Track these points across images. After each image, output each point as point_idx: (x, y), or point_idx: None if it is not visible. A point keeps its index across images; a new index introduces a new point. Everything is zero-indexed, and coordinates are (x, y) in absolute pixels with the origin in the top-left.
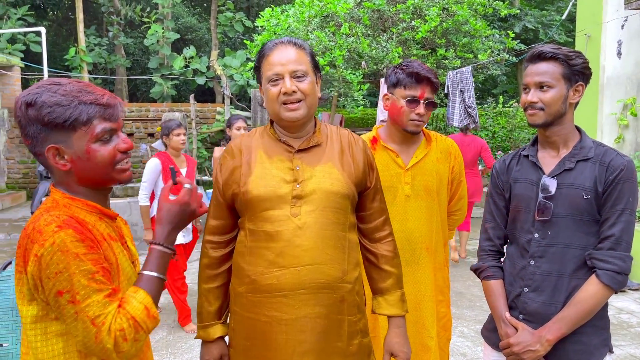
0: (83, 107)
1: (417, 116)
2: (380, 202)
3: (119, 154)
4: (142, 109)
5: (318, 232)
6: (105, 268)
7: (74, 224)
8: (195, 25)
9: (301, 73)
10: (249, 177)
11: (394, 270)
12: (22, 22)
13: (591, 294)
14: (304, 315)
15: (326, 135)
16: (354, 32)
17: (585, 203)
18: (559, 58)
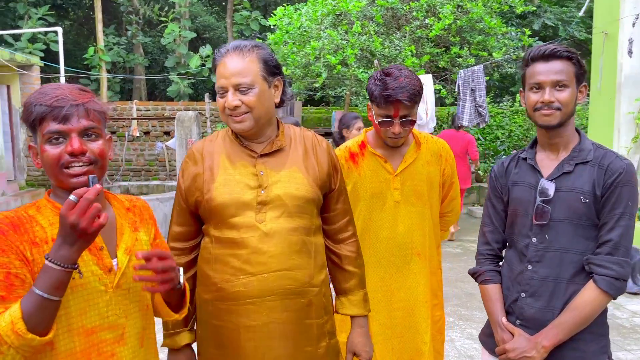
0: (38, 107)
1: (392, 134)
2: (344, 203)
3: (66, 156)
4: (158, 107)
5: (284, 238)
6: (10, 273)
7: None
8: (212, 24)
9: (246, 86)
10: (212, 184)
11: (356, 270)
12: (42, 22)
13: (588, 300)
14: (272, 321)
15: (290, 138)
16: (367, 31)
17: (583, 207)
18: (572, 57)
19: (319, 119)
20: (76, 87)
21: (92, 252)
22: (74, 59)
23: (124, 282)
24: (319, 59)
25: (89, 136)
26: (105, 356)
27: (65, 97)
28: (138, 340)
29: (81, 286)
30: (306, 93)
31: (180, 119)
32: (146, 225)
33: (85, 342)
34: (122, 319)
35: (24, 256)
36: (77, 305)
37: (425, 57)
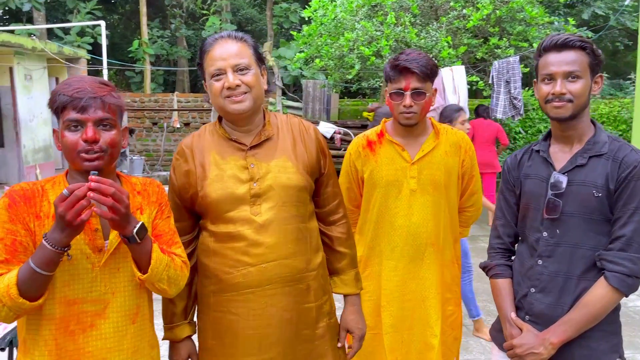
0: (61, 97)
1: (404, 108)
2: (333, 186)
3: (81, 143)
4: (197, 99)
5: (280, 227)
6: (15, 240)
7: (15, 195)
8: (255, 16)
9: (244, 66)
10: (204, 181)
11: (347, 251)
12: (90, 16)
13: (599, 297)
14: (271, 308)
15: (277, 127)
16: (402, 22)
17: (596, 201)
18: (586, 47)
19: (355, 110)
20: (97, 81)
21: (86, 232)
22: (121, 51)
23: (113, 261)
24: (352, 51)
25: (104, 126)
26: (84, 326)
27: (85, 89)
28: (128, 317)
29: (68, 262)
30: (342, 85)
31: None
32: (151, 206)
33: (66, 310)
34: (108, 295)
35: (28, 227)
36: (62, 277)
37: (462, 48)
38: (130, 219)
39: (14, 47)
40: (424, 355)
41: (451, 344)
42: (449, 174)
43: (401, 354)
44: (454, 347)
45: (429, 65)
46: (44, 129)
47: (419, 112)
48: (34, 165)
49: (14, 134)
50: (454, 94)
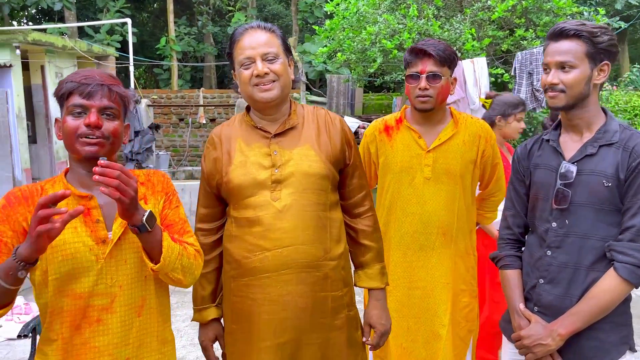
0: (68, 84)
1: (419, 91)
2: (360, 178)
3: (83, 128)
4: (223, 95)
5: (298, 213)
6: (1, 240)
7: (12, 196)
8: (281, 12)
9: (272, 55)
10: (229, 167)
11: (373, 244)
12: (119, 14)
13: (608, 288)
14: (287, 294)
15: (302, 117)
16: (425, 14)
17: (606, 191)
18: (583, 35)
19: (380, 105)
20: (106, 73)
21: (87, 224)
22: (149, 49)
23: (118, 252)
24: (374, 44)
25: (107, 115)
26: (90, 320)
27: (94, 77)
28: (133, 310)
29: (71, 255)
30: (366, 79)
31: (239, 105)
32: (156, 196)
33: (73, 304)
34: (115, 288)
35: (22, 228)
36: (67, 272)
37: (486, 40)
38: (138, 207)
39: (45, 46)
40: (430, 344)
41: (464, 336)
42: (466, 164)
43: (406, 341)
44: (467, 338)
45: (447, 51)
46: None
47: (435, 96)
48: (65, 161)
49: (45, 131)
50: (475, 86)
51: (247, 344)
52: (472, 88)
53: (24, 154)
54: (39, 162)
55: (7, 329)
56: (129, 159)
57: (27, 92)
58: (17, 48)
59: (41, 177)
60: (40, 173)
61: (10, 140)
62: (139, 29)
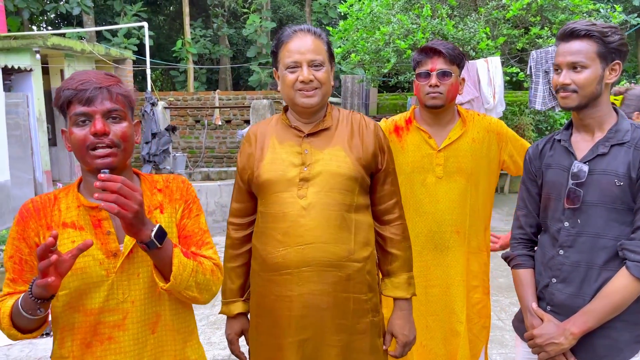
0: (65, 92)
1: (430, 88)
2: (392, 185)
3: (91, 138)
4: (238, 96)
5: (322, 212)
6: (21, 259)
7: (24, 210)
8: (295, 13)
9: (319, 62)
10: (261, 162)
11: (400, 253)
12: (136, 18)
13: (620, 287)
14: (307, 292)
15: (337, 119)
16: (439, 14)
17: (618, 190)
18: (594, 35)
19: (394, 105)
20: (102, 73)
21: (98, 236)
22: (166, 51)
23: (130, 266)
24: (388, 45)
25: (113, 118)
26: (102, 338)
27: (90, 80)
28: (147, 327)
29: (81, 270)
30: (380, 79)
31: (255, 107)
32: (174, 204)
33: (84, 321)
34: (127, 304)
35: (35, 244)
36: (77, 287)
37: (501, 39)
38: (145, 221)
39: (64, 50)
40: (449, 341)
41: (479, 332)
42: (478, 161)
43: (426, 339)
44: (481, 335)
45: (456, 50)
46: None
47: (445, 93)
48: None
49: None
50: (489, 85)
51: (270, 338)
52: (486, 87)
53: (45, 156)
54: (58, 165)
55: None
56: (146, 160)
57: (47, 96)
58: (37, 52)
59: (61, 179)
60: (60, 175)
61: (31, 143)
62: (155, 32)
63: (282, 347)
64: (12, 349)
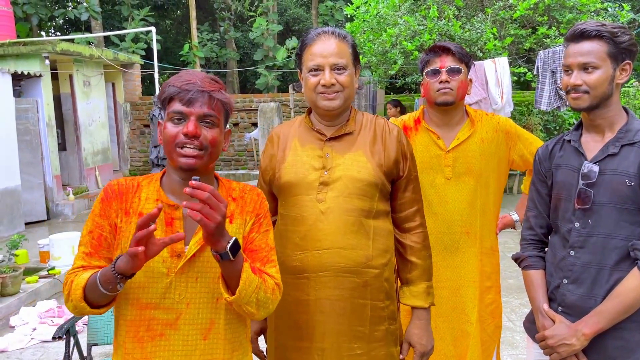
0: (170, 88)
1: (440, 84)
2: (413, 192)
3: (181, 137)
4: (246, 100)
5: (340, 217)
6: (101, 235)
7: (109, 189)
8: (302, 15)
9: (341, 66)
10: (282, 164)
11: (419, 262)
12: (144, 22)
13: (632, 288)
14: (324, 297)
15: (360, 124)
16: (446, 15)
17: (628, 190)
18: (604, 36)
19: None
20: (209, 77)
21: (167, 234)
22: (173, 55)
23: (190, 269)
24: (395, 46)
25: (207, 123)
26: (153, 334)
27: (195, 82)
28: (199, 332)
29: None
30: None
31: (262, 110)
32: (245, 216)
33: (137, 314)
34: (182, 305)
35: (115, 224)
36: (137, 279)
37: (508, 39)
38: (224, 233)
39: (73, 55)
40: (459, 342)
41: (492, 332)
42: (487, 161)
43: (435, 340)
44: (495, 335)
45: (464, 50)
46: (102, 133)
47: (456, 89)
48: (94, 167)
49: (74, 138)
50: (496, 86)
51: (289, 340)
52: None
53: (54, 161)
54: (68, 169)
55: (41, 332)
56: (154, 164)
57: (57, 101)
58: (46, 58)
59: (71, 183)
60: (70, 179)
61: (41, 148)
62: (162, 37)
63: (301, 350)
64: (24, 352)
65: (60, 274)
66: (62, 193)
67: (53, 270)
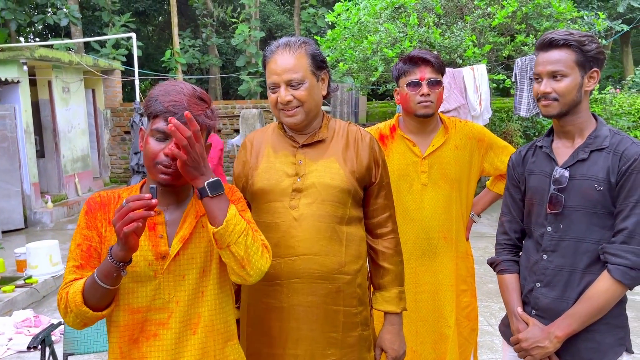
0: (157, 104)
1: (422, 97)
2: (385, 198)
3: (162, 156)
4: (228, 106)
5: (313, 224)
6: (90, 246)
7: (92, 202)
8: (284, 22)
9: (297, 81)
10: (255, 171)
11: (391, 267)
12: (125, 29)
13: (602, 290)
14: (297, 303)
15: (333, 131)
16: (426, 23)
17: (598, 195)
18: (572, 45)
19: (384, 112)
20: (196, 95)
21: (151, 238)
22: (155, 62)
23: (176, 268)
24: (376, 53)
25: None
26: (148, 335)
27: (182, 104)
28: (188, 327)
29: (130, 269)
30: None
31: (244, 116)
32: None
33: (130, 319)
34: (172, 303)
35: (100, 233)
36: (125, 284)
37: (487, 46)
38: (204, 171)
39: (52, 62)
40: (438, 345)
41: (468, 335)
42: (461, 167)
43: (415, 344)
44: (471, 337)
45: (440, 59)
46: (82, 139)
47: (435, 102)
48: (73, 175)
49: (53, 145)
50: (475, 92)
51: (261, 347)
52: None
53: (32, 168)
54: (47, 176)
55: (17, 342)
56: (135, 171)
57: (35, 107)
58: (24, 64)
59: (49, 191)
60: (49, 187)
61: (18, 155)
62: (144, 43)
63: (274, 357)
64: None
65: (37, 283)
66: (41, 201)
67: (30, 280)
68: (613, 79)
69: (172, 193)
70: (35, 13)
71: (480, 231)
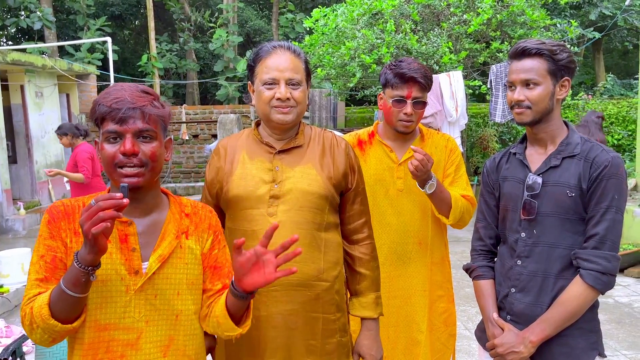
0: (100, 107)
1: (405, 116)
2: (361, 204)
3: (120, 156)
4: (206, 111)
5: (292, 230)
6: (55, 257)
7: (55, 211)
8: (262, 27)
9: (296, 81)
10: (230, 177)
11: (368, 273)
12: (100, 32)
13: (575, 295)
14: (276, 312)
15: (309, 137)
16: (403, 29)
17: (570, 201)
18: (544, 54)
19: (362, 118)
20: (138, 90)
21: (123, 251)
22: (131, 66)
23: (150, 287)
24: (354, 59)
25: (144, 138)
26: (114, 355)
27: (124, 99)
28: (159, 349)
29: (101, 282)
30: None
31: (222, 121)
32: (201, 234)
33: (95, 336)
34: (141, 323)
35: (65, 243)
36: (93, 299)
37: (463, 53)
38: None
39: (25, 66)
40: (409, 350)
41: (446, 340)
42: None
43: (387, 350)
44: (449, 343)
45: (429, 76)
46: (55, 145)
47: (416, 120)
48: (47, 181)
49: (26, 151)
50: (451, 99)
51: (243, 357)
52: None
53: (4, 174)
54: (19, 183)
55: None
56: None
57: (7, 112)
58: None
59: (22, 197)
60: (21, 194)
61: None
62: (120, 47)
63: None
64: None
65: (8, 292)
66: (13, 208)
67: (1, 289)
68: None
69: (140, 201)
70: (8, 16)
71: (457, 235)
